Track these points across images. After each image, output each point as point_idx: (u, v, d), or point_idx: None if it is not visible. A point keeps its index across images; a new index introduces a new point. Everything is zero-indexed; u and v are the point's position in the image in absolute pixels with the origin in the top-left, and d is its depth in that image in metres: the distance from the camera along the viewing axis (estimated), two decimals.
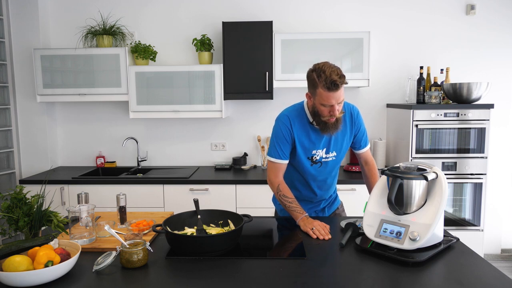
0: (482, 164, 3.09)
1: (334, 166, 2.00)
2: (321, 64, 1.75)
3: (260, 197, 3.09)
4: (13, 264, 1.28)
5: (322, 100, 1.73)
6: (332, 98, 1.71)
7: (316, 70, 1.73)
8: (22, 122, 3.52)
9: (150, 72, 3.30)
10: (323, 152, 1.92)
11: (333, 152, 1.94)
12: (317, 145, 1.91)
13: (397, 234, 1.50)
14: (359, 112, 1.98)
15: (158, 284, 1.33)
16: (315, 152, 1.92)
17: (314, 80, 1.74)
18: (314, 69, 1.76)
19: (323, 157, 1.93)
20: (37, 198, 1.56)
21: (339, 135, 1.92)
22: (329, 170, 1.98)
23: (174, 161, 3.73)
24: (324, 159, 1.93)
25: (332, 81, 1.67)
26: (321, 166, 1.95)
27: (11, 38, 3.43)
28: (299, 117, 1.90)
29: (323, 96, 1.72)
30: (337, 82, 1.68)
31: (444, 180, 1.53)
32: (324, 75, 1.69)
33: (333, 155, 1.94)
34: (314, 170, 1.95)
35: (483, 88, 2.98)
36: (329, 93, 1.70)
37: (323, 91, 1.71)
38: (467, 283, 1.28)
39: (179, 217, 1.75)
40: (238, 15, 3.52)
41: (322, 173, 1.97)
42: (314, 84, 1.74)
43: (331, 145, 1.92)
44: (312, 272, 1.38)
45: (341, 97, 1.73)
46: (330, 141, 1.92)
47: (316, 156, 1.92)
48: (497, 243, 3.66)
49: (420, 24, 3.49)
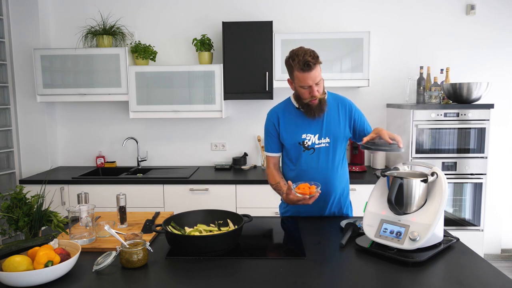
0: (482, 164, 3.09)
1: (329, 155, 1.96)
2: (296, 49, 1.84)
3: (260, 197, 3.09)
4: (13, 264, 1.28)
5: (300, 82, 1.82)
6: (308, 79, 1.79)
7: (291, 56, 1.83)
8: (22, 122, 3.52)
9: (150, 72, 3.30)
10: (315, 138, 1.95)
11: (326, 138, 1.95)
12: (307, 129, 1.94)
13: (397, 234, 1.50)
14: (351, 103, 2.01)
15: (158, 284, 1.33)
16: (306, 137, 1.94)
17: (290, 64, 1.84)
18: (289, 55, 1.85)
19: (316, 143, 1.95)
20: (37, 198, 1.56)
21: (332, 121, 1.95)
22: (324, 158, 1.96)
23: (174, 161, 3.73)
24: (317, 145, 1.95)
25: (305, 62, 1.76)
26: (314, 152, 1.95)
27: (11, 38, 3.43)
28: (285, 107, 2.02)
29: (299, 78, 1.81)
30: (310, 63, 1.76)
31: (444, 180, 1.53)
32: (297, 58, 1.78)
33: (326, 141, 1.95)
34: (308, 157, 1.95)
35: (483, 88, 2.98)
36: (304, 74, 1.79)
37: (298, 73, 1.80)
38: (467, 283, 1.28)
39: (179, 217, 1.75)
40: (238, 15, 3.52)
41: (318, 162, 1.95)
42: (291, 68, 1.84)
43: (323, 131, 1.94)
44: (312, 272, 1.38)
45: (317, 77, 1.81)
46: (322, 127, 1.94)
47: (308, 141, 1.95)
48: (497, 243, 3.66)
49: (420, 24, 3.49)
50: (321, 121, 1.94)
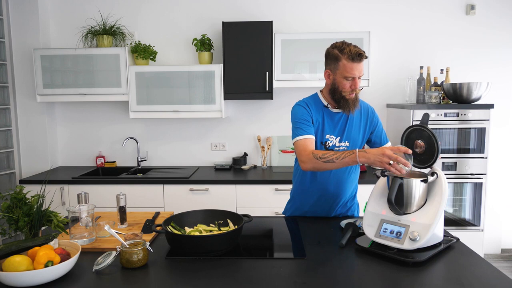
0: (482, 164, 3.09)
1: None
2: (339, 42, 1.84)
3: (260, 197, 3.09)
4: (13, 264, 1.27)
5: (346, 72, 1.80)
6: (355, 70, 1.79)
7: (338, 46, 1.82)
8: (22, 122, 3.52)
9: (150, 72, 3.30)
10: (336, 140, 1.93)
11: (346, 142, 1.94)
12: (331, 130, 1.93)
13: (397, 234, 1.50)
14: (374, 111, 2.03)
15: (158, 284, 1.33)
16: (329, 138, 1.93)
17: (336, 54, 1.81)
18: (334, 46, 1.84)
19: (336, 145, 1.93)
20: (37, 198, 1.56)
21: (354, 125, 1.95)
22: None
23: (174, 161, 3.73)
24: (337, 147, 1.93)
25: (357, 52, 1.77)
26: None
27: (11, 38, 3.43)
28: (314, 103, 1.95)
29: (347, 67, 1.79)
30: (361, 53, 1.78)
31: (444, 180, 1.53)
32: (348, 48, 1.79)
33: (345, 145, 1.94)
34: None
35: (483, 88, 2.98)
36: (353, 64, 1.78)
37: (346, 62, 1.78)
38: (467, 283, 1.28)
39: (179, 217, 1.75)
40: (238, 15, 3.52)
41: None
42: (337, 57, 1.81)
43: (344, 134, 1.94)
44: (312, 272, 1.38)
45: (362, 70, 1.82)
46: (344, 129, 1.93)
47: (329, 142, 1.93)
48: (497, 243, 3.66)
49: (420, 24, 3.49)
50: (344, 124, 1.93)
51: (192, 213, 1.78)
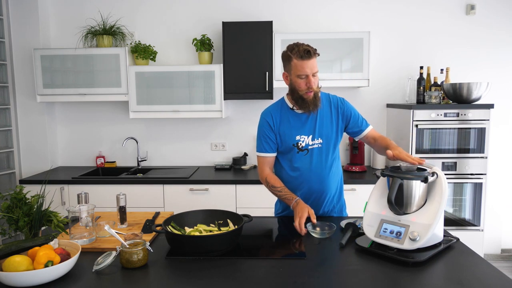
0: (482, 164, 3.09)
1: (322, 155, 1.96)
2: (293, 43, 1.87)
3: (260, 197, 3.09)
4: (13, 264, 1.28)
5: (298, 71, 1.82)
6: (306, 67, 1.81)
7: (289, 47, 1.87)
8: (22, 122, 3.52)
9: (150, 72, 3.30)
10: (309, 139, 1.95)
11: (319, 139, 1.95)
12: (300, 130, 1.94)
13: (397, 234, 1.50)
14: (343, 100, 2.01)
15: (158, 284, 1.33)
16: (300, 138, 1.95)
17: (287, 55, 1.86)
18: (287, 48, 1.88)
19: (309, 144, 1.95)
20: (37, 198, 1.56)
21: (325, 121, 1.95)
22: (317, 159, 1.95)
23: (174, 161, 3.73)
24: (310, 146, 1.95)
25: (304, 49, 1.79)
26: (308, 153, 1.95)
27: (11, 38, 3.43)
28: (279, 107, 2.01)
29: (297, 66, 1.82)
30: (309, 50, 1.80)
31: (444, 180, 1.53)
32: (297, 47, 1.82)
33: (319, 142, 1.95)
34: (301, 158, 1.96)
35: (483, 88, 2.98)
36: (303, 62, 1.80)
37: (297, 61, 1.81)
38: (467, 283, 1.28)
39: (179, 217, 1.75)
40: (238, 15, 3.52)
41: (311, 163, 1.95)
42: (288, 58, 1.85)
43: (316, 131, 1.94)
44: (312, 272, 1.38)
45: (314, 67, 1.83)
46: (315, 127, 1.94)
47: (301, 142, 1.95)
48: (497, 243, 3.66)
49: (420, 24, 3.49)
50: (314, 121, 1.94)
51: (192, 213, 1.78)
